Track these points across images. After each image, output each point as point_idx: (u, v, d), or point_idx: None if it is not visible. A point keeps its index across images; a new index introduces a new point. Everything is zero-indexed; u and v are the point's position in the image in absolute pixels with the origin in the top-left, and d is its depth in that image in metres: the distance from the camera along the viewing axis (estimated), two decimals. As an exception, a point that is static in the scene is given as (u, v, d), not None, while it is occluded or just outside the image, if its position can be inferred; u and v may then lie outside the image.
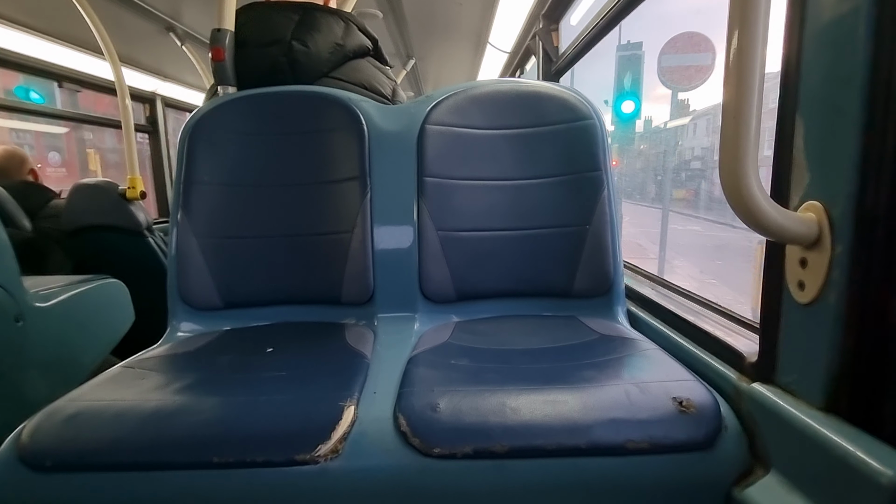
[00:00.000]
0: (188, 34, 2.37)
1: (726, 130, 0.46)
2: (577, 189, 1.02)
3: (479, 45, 2.96)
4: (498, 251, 1.02)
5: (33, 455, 0.56)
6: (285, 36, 1.14)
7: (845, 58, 0.46)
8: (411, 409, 0.60)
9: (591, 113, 1.04)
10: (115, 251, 1.85)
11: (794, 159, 0.53)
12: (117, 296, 1.49)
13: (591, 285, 0.99)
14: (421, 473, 0.57)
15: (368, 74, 1.26)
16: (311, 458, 0.56)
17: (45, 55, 2.18)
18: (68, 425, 0.59)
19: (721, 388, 0.65)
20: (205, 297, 1.00)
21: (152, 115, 3.00)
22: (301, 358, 0.79)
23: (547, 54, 2.08)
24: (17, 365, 1.06)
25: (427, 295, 1.01)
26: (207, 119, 1.06)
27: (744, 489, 0.56)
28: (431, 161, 1.03)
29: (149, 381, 0.70)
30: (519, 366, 0.73)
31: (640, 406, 0.58)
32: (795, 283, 0.53)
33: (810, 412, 0.50)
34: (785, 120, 0.54)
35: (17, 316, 1.08)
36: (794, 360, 0.55)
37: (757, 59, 0.45)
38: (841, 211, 0.47)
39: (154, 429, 0.58)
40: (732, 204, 0.48)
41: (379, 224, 1.02)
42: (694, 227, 13.58)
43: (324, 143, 1.06)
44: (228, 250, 1.02)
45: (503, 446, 0.56)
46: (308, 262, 1.02)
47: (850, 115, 0.45)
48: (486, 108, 1.07)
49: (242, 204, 1.03)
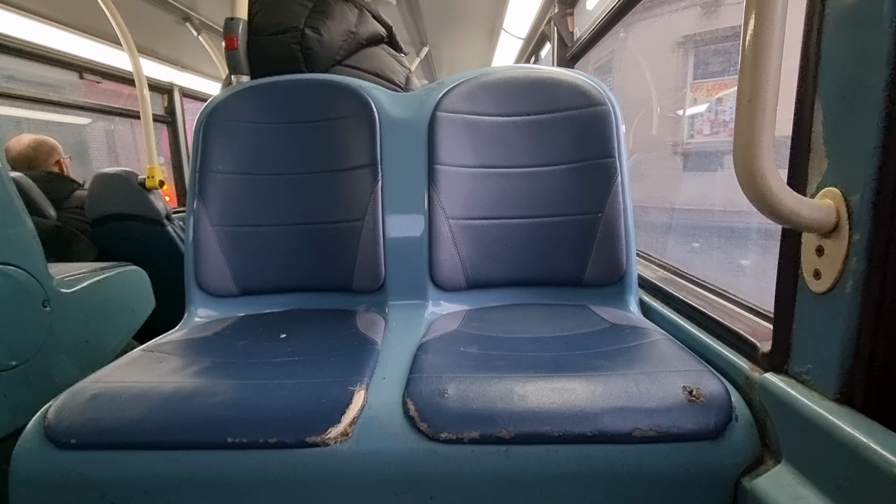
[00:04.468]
0: (204, 24, 2.39)
1: (741, 115, 0.45)
2: (589, 176, 1.01)
3: (494, 32, 2.92)
4: (509, 239, 1.01)
5: (58, 433, 0.59)
6: (298, 24, 1.14)
7: (868, 39, 0.44)
8: (419, 394, 0.61)
9: (605, 98, 1.03)
10: (136, 239, 1.90)
11: (813, 145, 0.51)
12: (138, 282, 1.53)
13: (603, 274, 0.98)
14: (428, 457, 0.58)
15: (382, 62, 1.25)
16: (322, 441, 0.58)
17: (67, 47, 2.22)
18: (90, 405, 0.61)
19: (733, 378, 0.65)
20: (221, 284, 1.02)
21: (170, 106, 3.04)
22: (313, 344, 0.81)
23: (562, 40, 2.04)
24: (45, 348, 1.10)
25: (437, 283, 1.01)
26: (221, 108, 1.07)
27: (753, 479, 0.55)
28: (442, 149, 1.02)
29: (167, 364, 0.72)
30: (528, 354, 0.73)
31: (648, 395, 0.58)
32: (811, 272, 0.52)
33: (823, 403, 0.50)
34: (804, 104, 0.52)
35: (44, 301, 1.12)
36: (807, 350, 0.54)
37: (774, 42, 0.43)
38: (860, 197, 0.46)
39: (171, 410, 0.60)
40: (746, 190, 0.47)
41: (390, 212, 1.02)
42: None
43: (335, 131, 1.07)
44: (243, 238, 1.03)
45: (509, 432, 0.56)
46: (320, 250, 1.03)
47: (872, 98, 0.44)
48: (498, 94, 1.06)
49: (256, 192, 1.05)
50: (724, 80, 2.34)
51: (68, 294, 1.21)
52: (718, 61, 2.35)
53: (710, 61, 2.38)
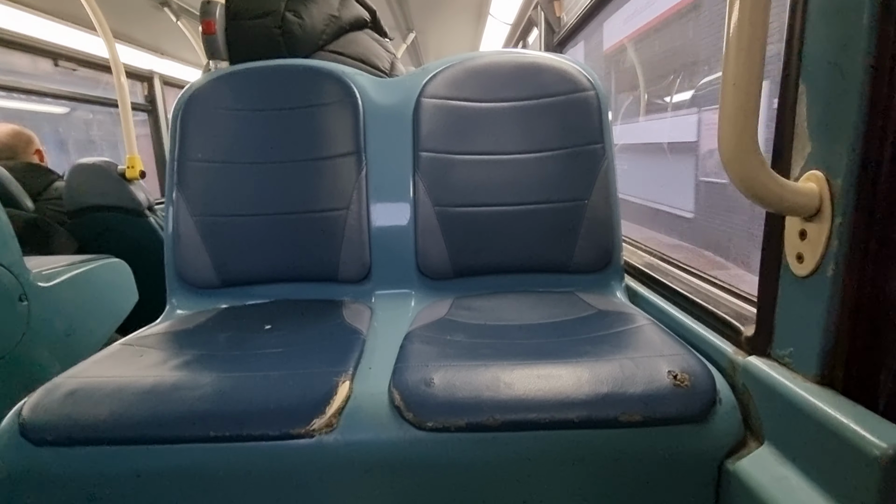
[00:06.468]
0: (183, 8, 2.32)
1: (725, 99, 0.45)
2: (576, 163, 1.00)
3: (481, 17, 2.89)
4: (496, 227, 1.01)
5: (34, 430, 0.58)
6: (279, 7, 1.11)
7: (851, 23, 0.44)
8: (405, 383, 0.60)
9: (591, 84, 1.02)
10: (116, 231, 1.86)
11: (797, 128, 0.51)
12: (120, 275, 1.50)
13: (590, 260, 0.98)
14: (415, 446, 0.57)
15: (366, 47, 1.22)
16: (307, 432, 0.57)
17: (39, 32, 2.14)
18: (67, 401, 0.60)
19: (717, 362, 0.65)
20: (202, 275, 1.00)
21: (150, 94, 2.97)
22: (297, 335, 0.80)
23: (549, 25, 2.03)
24: (23, 343, 1.08)
25: (424, 271, 1.00)
26: (199, 95, 1.04)
27: (736, 461, 0.56)
28: (427, 135, 1.01)
29: (147, 357, 0.71)
30: (514, 341, 0.73)
31: (634, 380, 0.58)
32: (794, 255, 0.52)
33: (804, 385, 0.50)
34: (787, 88, 0.52)
35: (20, 295, 1.09)
36: (790, 333, 0.54)
37: (758, 26, 0.43)
38: (843, 180, 0.46)
39: (151, 404, 0.59)
40: (731, 174, 0.47)
41: (375, 200, 1.01)
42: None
43: (318, 118, 1.04)
44: (224, 228, 1.01)
45: (496, 420, 0.56)
46: (304, 239, 1.02)
47: (855, 82, 0.44)
48: (483, 80, 1.05)
49: (237, 181, 1.03)
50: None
51: (47, 288, 1.18)
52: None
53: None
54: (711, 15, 2.20)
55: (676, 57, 2.53)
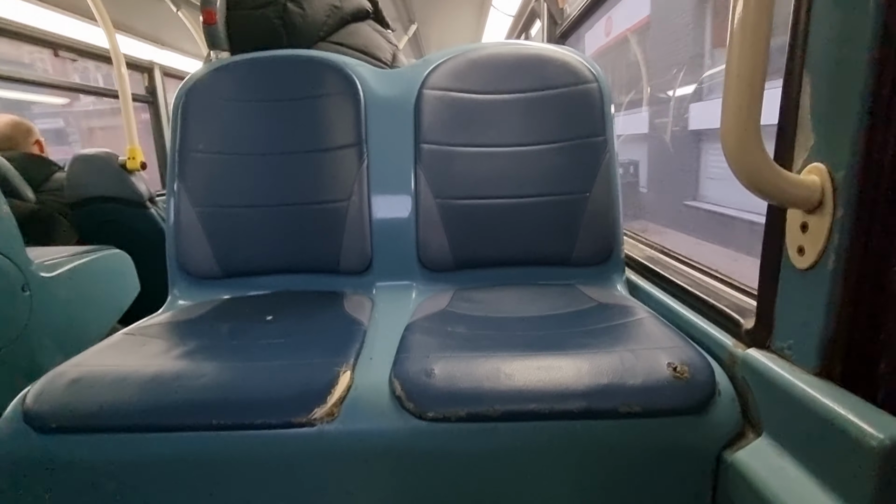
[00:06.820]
0: None
1: (729, 91, 0.45)
2: (578, 155, 1.00)
3: (483, 9, 2.86)
4: (497, 219, 1.01)
5: (37, 417, 0.58)
6: None
7: (855, 16, 0.44)
8: (406, 374, 0.61)
9: (594, 76, 1.01)
10: (117, 222, 1.86)
11: (800, 120, 0.51)
12: (121, 266, 1.50)
13: (591, 253, 0.98)
14: (415, 436, 0.58)
15: (367, 38, 1.22)
16: (308, 421, 0.58)
17: (38, 22, 2.13)
18: (70, 389, 0.60)
19: (716, 355, 0.65)
20: (204, 266, 1.00)
21: (151, 85, 2.95)
22: (299, 325, 0.80)
23: (552, 16, 2.01)
24: (26, 333, 1.08)
25: (425, 263, 1.00)
26: (200, 86, 1.04)
27: (734, 452, 0.56)
28: (429, 127, 1.01)
29: (149, 347, 0.71)
30: (515, 333, 0.73)
31: (633, 372, 0.58)
32: (795, 248, 0.52)
33: (803, 377, 0.50)
34: (791, 80, 0.52)
35: (23, 285, 1.09)
36: (789, 325, 0.54)
37: (762, 18, 0.42)
38: (844, 174, 0.45)
39: (154, 392, 0.59)
40: (733, 166, 0.47)
41: (376, 192, 1.01)
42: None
43: (319, 109, 1.04)
44: (226, 219, 1.01)
45: (496, 410, 0.57)
46: (306, 231, 1.02)
47: (859, 76, 0.43)
48: (485, 71, 1.04)
49: (238, 172, 1.03)
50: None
51: (49, 278, 1.19)
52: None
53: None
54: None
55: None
